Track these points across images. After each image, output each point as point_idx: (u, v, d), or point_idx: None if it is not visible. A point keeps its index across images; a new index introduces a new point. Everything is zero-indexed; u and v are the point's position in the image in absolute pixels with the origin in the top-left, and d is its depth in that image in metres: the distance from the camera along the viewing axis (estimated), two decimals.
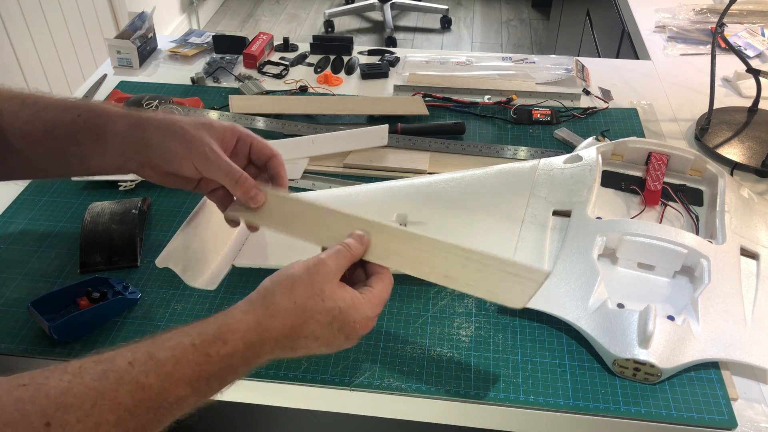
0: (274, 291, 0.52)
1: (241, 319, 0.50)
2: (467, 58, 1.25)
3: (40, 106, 0.64)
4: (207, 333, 0.49)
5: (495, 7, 3.88)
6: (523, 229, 0.77)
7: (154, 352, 0.46)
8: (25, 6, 2.06)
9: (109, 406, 0.42)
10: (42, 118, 0.64)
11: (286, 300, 0.52)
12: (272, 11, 3.83)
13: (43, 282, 0.76)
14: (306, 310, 0.52)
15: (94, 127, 0.63)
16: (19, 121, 0.64)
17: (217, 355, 0.48)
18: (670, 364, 0.63)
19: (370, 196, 0.84)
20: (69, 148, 0.64)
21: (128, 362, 0.45)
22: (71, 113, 0.63)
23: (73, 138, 0.63)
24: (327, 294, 0.52)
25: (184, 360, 0.46)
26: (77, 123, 0.63)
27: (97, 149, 0.63)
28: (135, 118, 0.63)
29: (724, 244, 0.73)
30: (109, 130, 0.63)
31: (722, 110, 1.07)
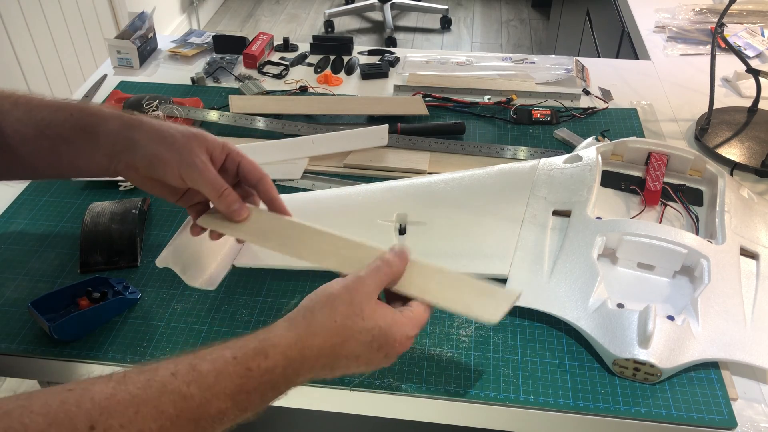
0: (314, 309, 0.52)
1: (282, 335, 0.50)
2: (467, 58, 1.25)
3: (33, 105, 0.64)
4: (248, 347, 0.49)
5: (495, 7, 3.88)
6: (523, 229, 0.77)
7: (196, 364, 0.46)
8: (25, 6, 2.06)
9: (152, 414, 0.43)
10: (34, 117, 0.64)
11: (327, 318, 0.52)
12: (272, 11, 3.83)
13: (43, 282, 0.76)
14: (346, 328, 0.52)
15: (86, 126, 0.63)
16: (11, 120, 0.64)
17: (258, 369, 0.48)
18: (670, 364, 0.63)
19: (370, 196, 0.84)
20: (60, 147, 0.64)
21: (171, 373, 0.45)
22: (64, 113, 0.64)
23: (65, 137, 0.63)
24: (367, 313, 0.52)
25: (225, 372, 0.46)
26: (69, 122, 0.63)
27: (87, 148, 0.63)
28: (127, 120, 0.63)
29: (724, 244, 0.73)
30: (100, 129, 0.63)
31: (722, 110, 1.07)
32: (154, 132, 0.62)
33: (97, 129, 0.63)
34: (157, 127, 0.62)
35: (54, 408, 0.40)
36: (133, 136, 0.62)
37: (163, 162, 0.61)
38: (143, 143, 0.62)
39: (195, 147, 0.62)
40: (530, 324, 0.71)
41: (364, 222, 0.80)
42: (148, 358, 0.67)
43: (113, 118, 0.63)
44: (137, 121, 0.63)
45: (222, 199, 0.62)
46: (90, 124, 0.63)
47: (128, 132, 0.62)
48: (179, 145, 0.61)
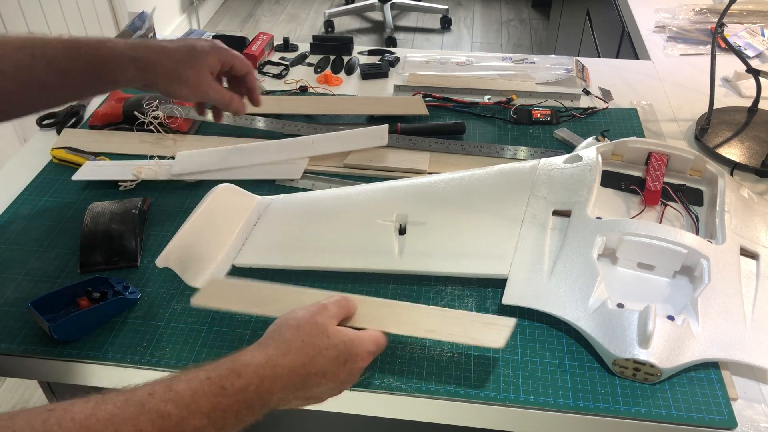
0: (281, 332, 0.56)
1: (253, 356, 0.53)
2: (467, 58, 1.25)
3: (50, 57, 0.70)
4: (221, 368, 0.51)
5: (495, 7, 3.88)
6: (523, 229, 0.77)
7: (172, 384, 0.48)
8: (25, 6, 2.06)
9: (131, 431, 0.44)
10: (57, 67, 0.70)
11: (295, 338, 0.55)
12: (272, 11, 3.83)
13: (43, 282, 0.76)
14: (314, 346, 0.55)
15: (104, 75, 0.73)
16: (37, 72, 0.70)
17: (232, 388, 0.50)
18: (670, 364, 0.63)
19: (370, 196, 0.84)
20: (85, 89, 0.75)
21: (148, 393, 0.47)
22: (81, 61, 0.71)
23: (88, 81, 0.73)
24: (331, 332, 0.57)
25: (201, 391, 0.49)
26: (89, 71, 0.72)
27: (109, 88, 0.77)
28: (143, 66, 0.74)
29: (724, 244, 0.73)
30: (120, 78, 0.74)
31: (722, 110, 1.07)
32: (170, 75, 0.75)
33: (115, 77, 0.73)
34: (170, 68, 0.75)
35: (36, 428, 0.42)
36: (152, 78, 0.75)
37: (181, 95, 0.78)
38: (162, 83, 0.76)
39: (203, 75, 0.77)
40: (530, 324, 0.71)
41: (364, 222, 0.80)
42: (148, 358, 0.67)
43: (129, 63, 0.73)
44: (152, 64, 0.74)
45: (231, 106, 0.82)
46: (107, 72, 0.73)
47: (146, 75, 0.74)
48: (193, 81, 0.76)
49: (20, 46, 0.69)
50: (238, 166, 0.92)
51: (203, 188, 0.86)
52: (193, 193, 0.89)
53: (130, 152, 0.98)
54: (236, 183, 0.83)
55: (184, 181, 0.91)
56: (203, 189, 0.82)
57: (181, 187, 0.91)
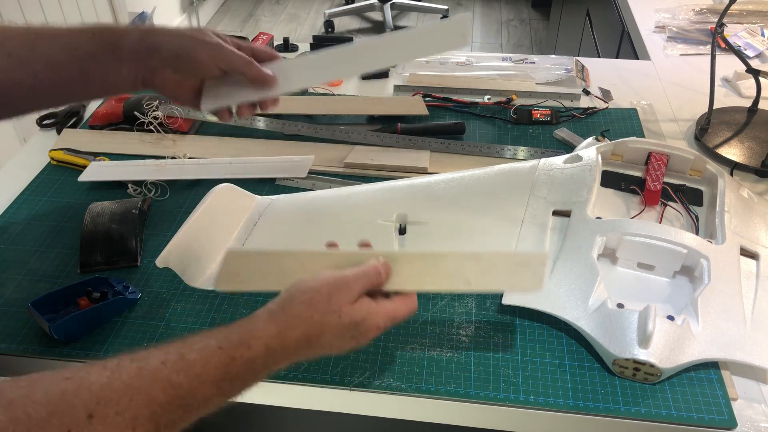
0: (293, 304, 0.55)
1: (263, 327, 0.53)
2: (467, 58, 1.25)
3: (56, 33, 0.68)
4: (232, 338, 0.52)
5: (495, 7, 3.88)
6: (523, 229, 0.77)
7: (184, 353, 0.49)
8: (25, 6, 2.06)
9: (144, 401, 0.45)
10: (60, 43, 0.67)
11: (305, 313, 0.55)
12: (272, 11, 3.83)
13: (43, 282, 0.76)
14: (323, 323, 0.55)
15: (109, 42, 0.67)
16: (42, 50, 0.66)
17: (241, 359, 0.51)
18: (670, 364, 0.63)
19: (370, 196, 0.84)
20: (89, 66, 0.67)
21: (161, 361, 0.48)
22: (86, 34, 0.67)
23: (93, 55, 0.67)
24: (344, 311, 0.56)
25: (212, 362, 0.50)
26: (93, 41, 0.67)
27: (114, 63, 0.68)
28: (145, 29, 0.68)
29: (723, 244, 0.73)
30: (122, 42, 0.67)
31: (722, 110, 1.07)
32: (172, 33, 0.68)
33: (119, 42, 0.67)
34: (173, 29, 0.69)
35: (54, 398, 0.43)
36: (154, 40, 0.67)
37: (189, 51, 0.67)
38: (166, 43, 0.67)
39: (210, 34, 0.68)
40: (530, 324, 0.71)
41: (364, 222, 0.80)
42: None
43: (132, 30, 0.68)
44: (154, 28, 0.68)
45: (253, 66, 0.69)
46: (112, 40, 0.67)
47: (148, 38, 0.67)
48: (198, 34, 0.68)
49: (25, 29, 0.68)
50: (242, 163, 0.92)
51: (203, 188, 0.86)
52: (193, 193, 0.89)
53: (130, 152, 0.98)
54: (236, 183, 0.83)
55: (184, 181, 0.91)
56: (203, 189, 0.82)
57: (181, 187, 0.91)
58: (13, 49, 0.66)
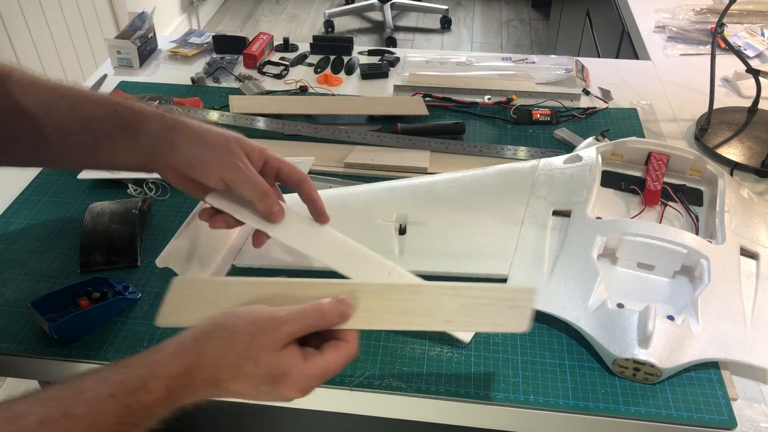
0: (207, 339, 0.50)
1: (167, 364, 0.48)
2: (467, 58, 1.25)
3: (78, 99, 0.65)
4: (129, 382, 0.46)
5: (495, 7, 3.88)
6: (523, 229, 0.77)
7: (69, 408, 0.43)
8: (25, 6, 2.06)
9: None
10: (78, 112, 0.64)
11: (219, 353, 0.49)
12: (272, 11, 3.83)
13: (43, 282, 0.76)
14: (237, 368, 0.49)
15: (128, 124, 0.63)
16: (56, 113, 0.64)
17: (138, 405, 0.46)
18: (670, 364, 0.63)
19: (370, 196, 0.84)
20: (100, 142, 0.64)
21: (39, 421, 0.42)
22: (107, 109, 0.64)
23: (106, 133, 0.64)
24: (263, 360, 0.49)
25: (102, 414, 0.44)
26: (112, 118, 0.64)
27: (127, 146, 0.64)
28: (169, 121, 0.64)
29: (723, 244, 0.73)
30: (141, 129, 0.63)
31: (722, 110, 1.07)
32: (195, 135, 0.63)
33: (138, 128, 0.63)
34: (198, 130, 0.63)
35: None
36: (174, 138, 0.63)
37: (204, 163, 0.62)
38: (184, 145, 0.62)
39: (235, 149, 0.62)
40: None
41: (364, 222, 0.80)
42: None
43: (155, 117, 0.64)
44: (178, 122, 0.63)
45: (265, 199, 0.63)
46: (132, 123, 0.63)
47: (169, 134, 0.63)
48: (220, 148, 0.62)
49: (51, 87, 0.65)
50: None
51: None
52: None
53: None
54: None
55: None
56: None
57: None
58: (29, 106, 0.64)
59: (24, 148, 0.66)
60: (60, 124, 0.64)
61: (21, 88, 0.64)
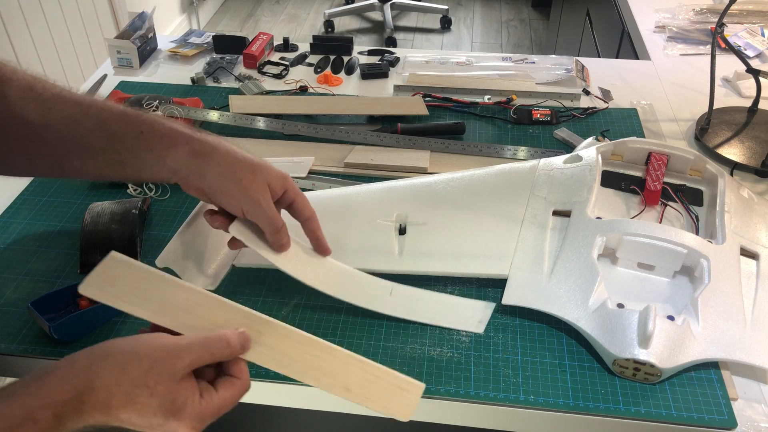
0: (102, 362, 0.48)
1: (56, 390, 0.46)
2: (467, 58, 1.25)
3: (104, 117, 0.64)
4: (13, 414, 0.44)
5: (495, 7, 3.88)
6: (523, 229, 0.77)
7: None
8: (25, 6, 2.06)
9: None
10: (105, 130, 0.64)
11: (113, 379, 0.47)
12: (272, 11, 3.83)
13: (43, 282, 0.76)
14: (129, 396, 0.47)
15: (155, 147, 0.64)
16: (82, 130, 0.64)
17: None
18: (670, 364, 0.63)
19: (370, 196, 0.84)
20: (127, 160, 0.65)
21: None
22: (135, 129, 0.64)
23: (134, 153, 0.64)
24: (158, 391, 0.48)
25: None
26: (139, 139, 0.64)
27: (154, 166, 0.64)
28: (197, 146, 0.64)
29: (724, 244, 0.73)
30: (170, 154, 0.63)
31: (722, 110, 1.07)
32: (223, 165, 0.63)
33: (166, 153, 0.63)
34: (225, 160, 0.64)
35: None
36: (202, 167, 0.63)
37: (228, 195, 0.64)
38: (211, 175, 0.63)
39: (259, 183, 0.64)
40: (530, 324, 0.71)
41: (364, 222, 0.80)
42: None
43: (183, 143, 0.63)
44: (207, 149, 0.64)
45: (277, 235, 0.66)
46: (159, 146, 0.63)
47: (197, 162, 0.63)
48: (246, 181, 0.63)
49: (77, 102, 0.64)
50: None
51: None
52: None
53: None
54: None
55: None
56: None
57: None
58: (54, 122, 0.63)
59: (49, 163, 0.66)
60: (86, 141, 0.64)
61: (45, 101, 0.63)
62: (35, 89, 0.64)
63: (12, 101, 0.63)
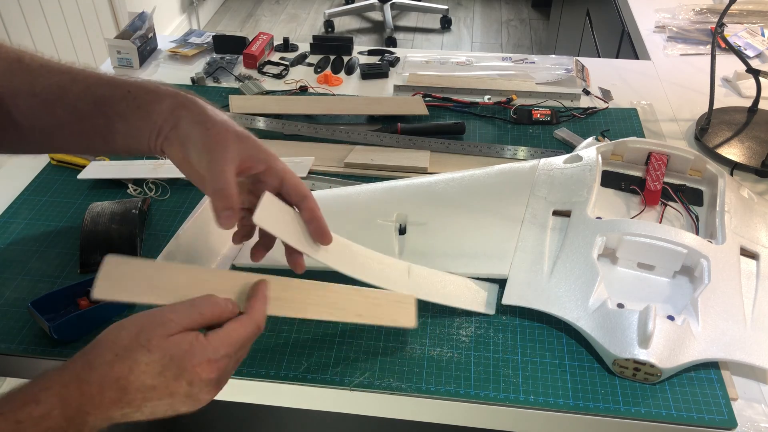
0: (93, 346, 0.49)
1: (56, 374, 0.47)
2: (467, 58, 1.25)
3: (91, 81, 0.63)
4: (16, 397, 0.45)
5: (495, 7, 3.88)
6: (523, 229, 0.77)
7: None
8: (25, 6, 2.06)
9: None
10: (93, 93, 0.63)
11: (107, 351, 0.48)
12: (272, 11, 3.83)
13: (43, 282, 0.76)
14: (128, 359, 0.47)
15: (142, 104, 0.62)
16: (70, 96, 0.62)
17: (30, 419, 0.44)
18: (670, 364, 0.63)
19: (370, 196, 0.84)
20: (116, 125, 0.63)
21: None
22: (122, 90, 0.62)
23: (121, 114, 0.62)
24: (153, 344, 0.48)
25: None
26: (126, 99, 0.62)
27: (141, 126, 0.62)
28: (181, 100, 0.61)
29: (724, 244, 0.73)
30: (154, 108, 0.61)
31: (722, 110, 1.07)
32: (198, 114, 0.60)
33: (151, 107, 0.61)
34: (202, 111, 0.60)
35: None
36: (180, 113, 0.61)
37: (194, 144, 0.59)
38: (186, 124, 0.60)
39: (230, 145, 0.59)
40: (530, 324, 0.71)
41: (364, 222, 0.80)
42: None
43: (168, 96, 0.62)
44: (189, 100, 0.62)
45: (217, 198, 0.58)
46: (145, 102, 0.62)
47: (177, 110, 0.61)
48: (214, 132, 0.59)
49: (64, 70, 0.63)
50: None
51: None
52: (193, 193, 0.89)
53: None
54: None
55: (184, 181, 0.91)
56: None
57: (182, 186, 0.91)
58: (41, 90, 0.62)
59: (39, 135, 0.65)
60: (74, 108, 0.62)
61: (32, 72, 0.63)
62: (23, 61, 0.63)
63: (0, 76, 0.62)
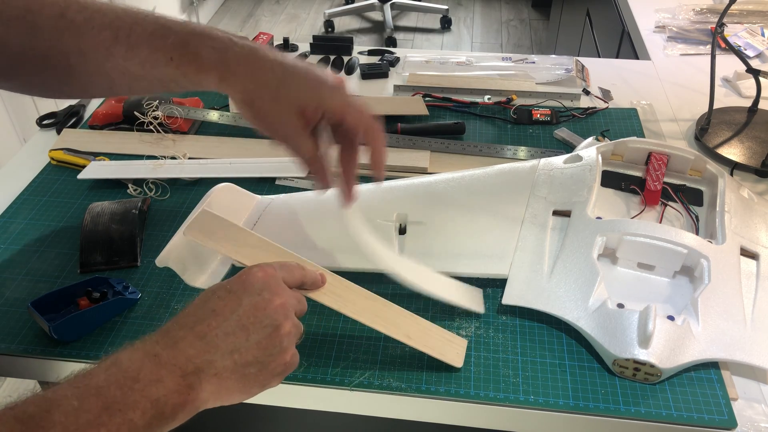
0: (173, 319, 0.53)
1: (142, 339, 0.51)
2: (467, 58, 1.25)
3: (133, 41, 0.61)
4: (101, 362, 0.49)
5: (495, 7, 3.88)
6: (523, 229, 0.77)
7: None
8: None
9: None
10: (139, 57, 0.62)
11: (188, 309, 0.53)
12: (272, 11, 3.83)
13: (43, 282, 0.76)
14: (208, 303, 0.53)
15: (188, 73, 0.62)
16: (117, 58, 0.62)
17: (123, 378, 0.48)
18: (670, 364, 0.63)
19: (370, 196, 0.84)
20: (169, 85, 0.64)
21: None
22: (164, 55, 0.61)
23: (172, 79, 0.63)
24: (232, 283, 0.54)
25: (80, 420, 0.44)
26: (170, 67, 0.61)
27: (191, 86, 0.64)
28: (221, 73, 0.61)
29: (724, 244, 0.73)
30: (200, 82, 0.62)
31: (722, 110, 1.07)
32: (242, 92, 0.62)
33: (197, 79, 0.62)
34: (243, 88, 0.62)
35: None
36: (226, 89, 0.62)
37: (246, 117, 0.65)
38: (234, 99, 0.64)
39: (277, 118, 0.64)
40: (530, 324, 0.71)
41: (364, 222, 0.80)
42: None
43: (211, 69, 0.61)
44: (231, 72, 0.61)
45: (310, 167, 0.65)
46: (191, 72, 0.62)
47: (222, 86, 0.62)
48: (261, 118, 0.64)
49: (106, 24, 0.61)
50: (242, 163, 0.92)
51: (203, 188, 0.86)
52: (193, 193, 0.89)
53: (130, 152, 0.98)
54: (236, 182, 0.83)
55: (184, 180, 0.91)
56: (203, 189, 0.82)
57: (181, 186, 0.91)
58: (88, 50, 0.61)
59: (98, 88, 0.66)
60: (124, 69, 0.62)
61: (78, 29, 0.61)
62: (66, 17, 0.61)
63: (47, 34, 0.60)
